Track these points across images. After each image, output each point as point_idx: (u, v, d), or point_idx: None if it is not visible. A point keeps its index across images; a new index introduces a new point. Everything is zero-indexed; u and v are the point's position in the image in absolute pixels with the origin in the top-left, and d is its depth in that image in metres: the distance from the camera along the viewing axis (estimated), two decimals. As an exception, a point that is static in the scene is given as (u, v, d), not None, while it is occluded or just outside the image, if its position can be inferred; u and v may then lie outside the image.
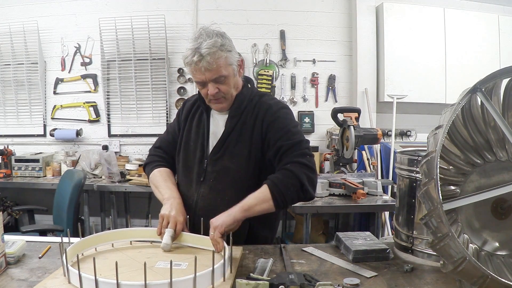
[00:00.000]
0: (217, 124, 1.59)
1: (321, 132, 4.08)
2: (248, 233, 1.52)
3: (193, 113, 1.65)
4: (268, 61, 4.04)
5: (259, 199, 1.39)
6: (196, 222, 1.43)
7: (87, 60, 4.04)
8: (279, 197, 1.39)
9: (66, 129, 4.00)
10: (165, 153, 1.70)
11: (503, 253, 1.16)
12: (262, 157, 1.52)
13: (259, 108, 1.55)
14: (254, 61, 4.05)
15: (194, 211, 1.53)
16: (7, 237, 1.27)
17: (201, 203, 1.53)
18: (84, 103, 4.07)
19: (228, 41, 1.50)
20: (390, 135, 3.82)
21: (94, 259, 0.97)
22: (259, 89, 3.94)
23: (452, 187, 1.19)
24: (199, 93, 1.60)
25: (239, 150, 1.51)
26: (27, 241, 1.35)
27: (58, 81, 4.05)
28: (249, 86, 1.63)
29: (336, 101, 4.11)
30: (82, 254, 1.24)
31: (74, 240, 1.28)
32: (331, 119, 3.09)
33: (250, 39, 4.04)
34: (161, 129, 3.89)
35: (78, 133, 3.95)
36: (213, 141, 1.57)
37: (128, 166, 3.75)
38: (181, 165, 1.62)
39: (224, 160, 1.52)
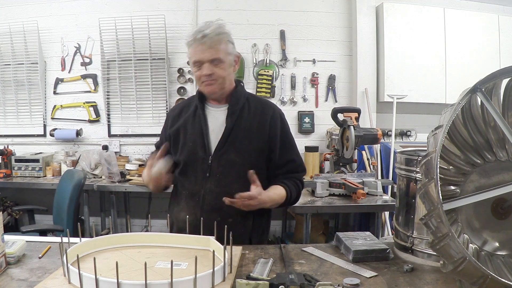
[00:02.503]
0: (216, 121, 1.64)
1: (321, 132, 4.08)
2: (252, 225, 1.62)
3: (185, 119, 1.69)
4: (268, 61, 4.04)
5: (277, 203, 1.62)
6: (204, 218, 1.45)
7: (87, 60, 4.04)
8: (285, 204, 1.65)
9: (66, 129, 4.00)
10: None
11: (503, 253, 1.16)
12: (266, 150, 1.63)
13: (263, 109, 1.66)
14: (254, 61, 4.05)
15: (201, 206, 1.58)
16: (7, 237, 1.27)
17: (208, 198, 1.58)
18: (84, 103, 4.07)
19: (230, 34, 1.62)
20: (390, 135, 3.82)
21: (94, 258, 0.98)
22: (259, 89, 3.98)
23: (452, 187, 1.19)
24: (197, 92, 1.69)
25: (244, 146, 1.59)
26: (27, 241, 1.35)
27: (58, 81, 4.05)
28: (242, 84, 1.73)
29: (336, 101, 4.11)
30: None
31: (74, 240, 1.28)
32: (331, 119, 3.10)
33: (250, 39, 4.04)
34: (161, 129, 3.89)
35: (78, 133, 3.95)
36: (214, 138, 1.62)
37: (128, 166, 3.75)
38: (183, 166, 1.66)
39: (229, 154, 1.59)
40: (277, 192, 1.60)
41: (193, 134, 1.64)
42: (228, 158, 1.59)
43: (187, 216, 1.45)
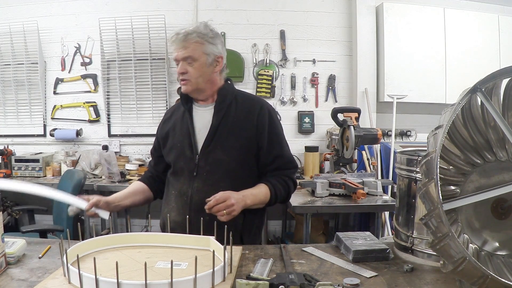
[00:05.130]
0: (203, 120, 1.65)
1: (321, 132, 4.08)
2: (243, 223, 1.60)
3: (174, 122, 1.72)
4: (268, 61, 4.04)
5: (261, 201, 1.58)
6: (192, 217, 1.48)
7: (87, 60, 4.04)
8: (272, 202, 1.62)
9: (66, 129, 4.00)
10: (149, 172, 1.84)
11: (503, 253, 1.16)
12: (254, 147, 1.62)
13: (250, 105, 1.65)
14: (254, 61, 4.05)
15: (190, 206, 1.59)
16: (7, 237, 1.27)
17: (196, 197, 1.58)
18: (84, 103, 4.07)
19: (215, 36, 1.61)
20: (390, 135, 3.82)
21: (94, 258, 0.97)
22: (259, 89, 3.98)
23: (452, 187, 1.19)
24: (181, 95, 1.71)
25: (231, 143, 1.59)
26: (27, 241, 1.35)
27: (58, 81, 4.05)
28: (229, 82, 1.72)
29: (336, 101, 4.11)
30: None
31: (74, 242, 1.28)
32: (331, 119, 3.10)
33: (250, 39, 4.04)
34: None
35: (78, 133, 3.95)
36: (201, 137, 1.62)
37: (128, 166, 3.75)
38: (173, 168, 1.68)
39: (216, 152, 1.59)
40: (259, 190, 1.58)
41: (181, 134, 1.66)
42: (215, 156, 1.59)
43: (186, 216, 1.46)
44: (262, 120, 1.62)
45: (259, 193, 1.57)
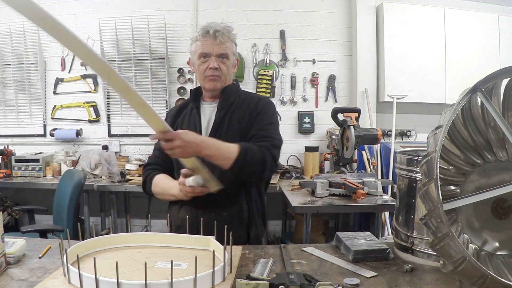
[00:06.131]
0: (208, 118, 1.68)
1: (321, 132, 4.08)
2: (248, 216, 1.62)
3: (183, 116, 1.74)
4: (268, 61, 4.04)
5: (224, 151, 1.45)
6: (200, 214, 1.48)
7: (87, 60, 4.04)
8: (240, 159, 1.45)
9: (66, 129, 4.00)
10: (155, 165, 1.76)
11: (503, 253, 1.16)
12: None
13: (250, 101, 1.67)
14: (254, 61, 4.05)
15: (196, 202, 1.58)
16: (7, 237, 1.27)
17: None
18: (84, 103, 4.07)
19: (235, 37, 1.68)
20: (390, 135, 3.82)
21: (94, 258, 0.97)
22: (259, 89, 3.98)
23: (452, 187, 1.19)
24: (191, 92, 1.74)
25: (230, 138, 1.59)
26: (27, 241, 1.35)
27: (58, 81, 4.05)
28: (235, 83, 1.76)
29: (336, 101, 4.11)
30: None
31: (74, 242, 1.28)
32: (331, 119, 3.10)
33: (250, 39, 4.04)
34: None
35: (78, 133, 3.95)
36: (206, 134, 1.65)
37: (128, 166, 3.75)
38: (179, 164, 1.65)
39: None
40: (225, 143, 1.48)
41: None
42: None
43: (187, 216, 1.46)
44: (257, 109, 1.65)
45: (224, 145, 1.47)
